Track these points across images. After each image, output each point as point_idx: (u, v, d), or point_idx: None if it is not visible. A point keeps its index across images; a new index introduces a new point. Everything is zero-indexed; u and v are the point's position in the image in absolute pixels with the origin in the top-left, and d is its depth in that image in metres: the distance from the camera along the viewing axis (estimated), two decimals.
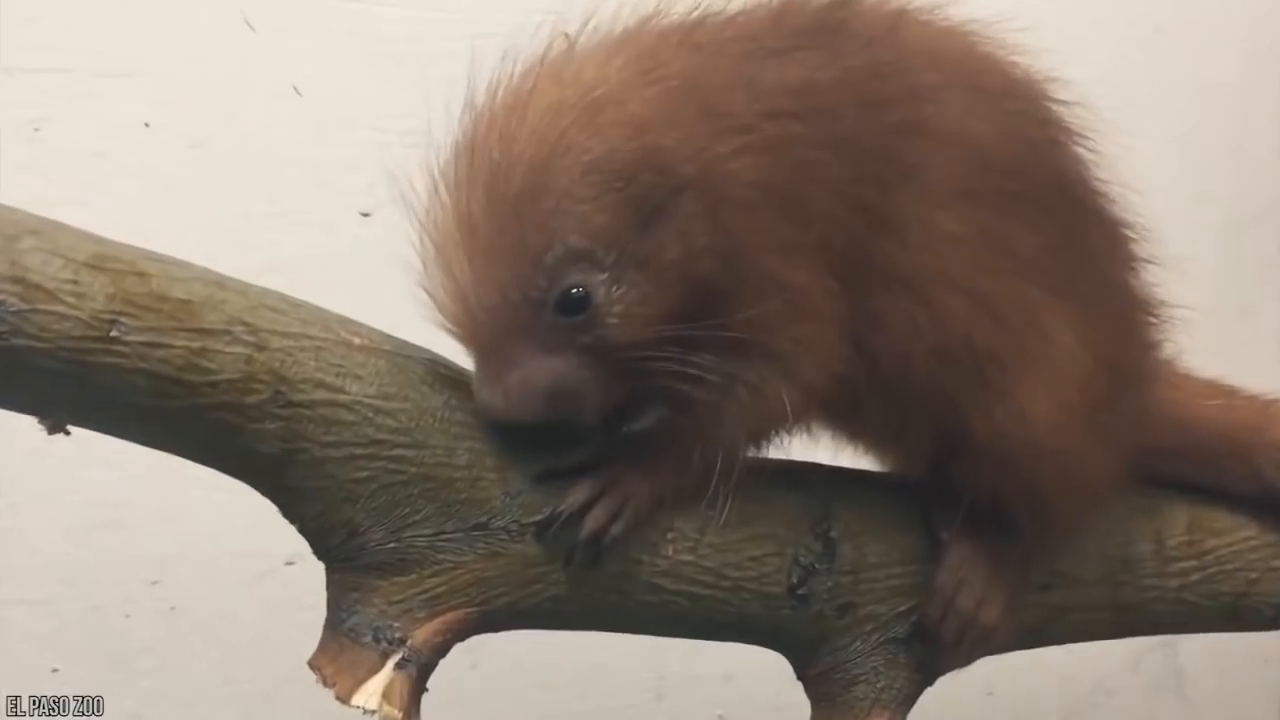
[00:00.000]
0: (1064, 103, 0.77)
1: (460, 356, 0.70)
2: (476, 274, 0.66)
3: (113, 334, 0.62)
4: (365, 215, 1.16)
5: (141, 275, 0.64)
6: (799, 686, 0.80)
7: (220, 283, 0.67)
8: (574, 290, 0.65)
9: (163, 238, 0.69)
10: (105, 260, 0.63)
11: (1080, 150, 0.78)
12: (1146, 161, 0.78)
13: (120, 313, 0.62)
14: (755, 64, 0.69)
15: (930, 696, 0.80)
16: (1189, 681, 1.42)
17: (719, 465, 0.69)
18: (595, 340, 0.66)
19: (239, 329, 0.65)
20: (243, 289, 0.68)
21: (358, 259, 1.12)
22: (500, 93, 0.68)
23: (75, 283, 0.62)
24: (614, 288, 0.65)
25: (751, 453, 0.73)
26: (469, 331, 0.67)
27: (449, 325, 0.68)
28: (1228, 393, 0.88)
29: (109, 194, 1.11)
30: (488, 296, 0.65)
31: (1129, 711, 1.42)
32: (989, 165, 0.73)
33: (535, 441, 0.68)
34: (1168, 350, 0.84)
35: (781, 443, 0.75)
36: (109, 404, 0.64)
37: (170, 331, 0.63)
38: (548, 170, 0.65)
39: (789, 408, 0.69)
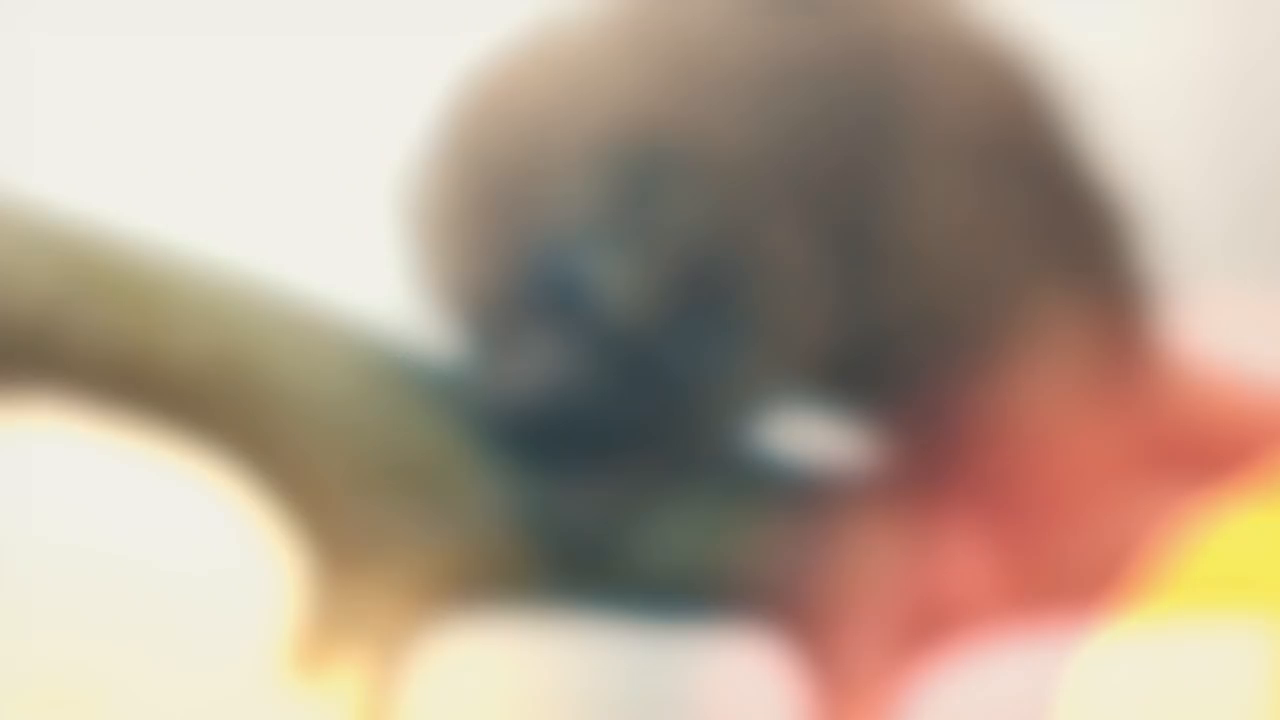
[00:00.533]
0: (1055, 70, 0.75)
1: (444, 344, 0.68)
2: (470, 262, 0.65)
3: (61, 317, 0.60)
4: (340, 198, 1.16)
5: (93, 253, 0.62)
6: (785, 679, 0.77)
7: (180, 262, 0.65)
8: (574, 273, 0.64)
9: (119, 219, 0.66)
10: (51, 236, 0.61)
11: (1073, 120, 0.75)
12: (1145, 135, 0.77)
13: (69, 294, 0.60)
14: (739, 28, 0.68)
15: None
16: None
17: (713, 448, 0.69)
18: (597, 326, 0.64)
19: (201, 312, 0.63)
20: (205, 270, 0.65)
21: (330, 243, 1.11)
22: (481, 72, 0.67)
23: (19, 261, 0.59)
24: (614, 268, 0.64)
25: (744, 434, 0.71)
26: (462, 322, 0.66)
27: (440, 316, 0.67)
28: (1242, 384, 0.85)
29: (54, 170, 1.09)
30: (482, 284, 0.64)
31: None
32: (975, 132, 0.71)
33: (526, 433, 0.67)
34: (1174, 335, 0.80)
35: (773, 423, 0.73)
36: (60, 392, 0.61)
37: (125, 314, 0.61)
38: (539, 148, 0.64)
39: (782, 385, 0.69)
